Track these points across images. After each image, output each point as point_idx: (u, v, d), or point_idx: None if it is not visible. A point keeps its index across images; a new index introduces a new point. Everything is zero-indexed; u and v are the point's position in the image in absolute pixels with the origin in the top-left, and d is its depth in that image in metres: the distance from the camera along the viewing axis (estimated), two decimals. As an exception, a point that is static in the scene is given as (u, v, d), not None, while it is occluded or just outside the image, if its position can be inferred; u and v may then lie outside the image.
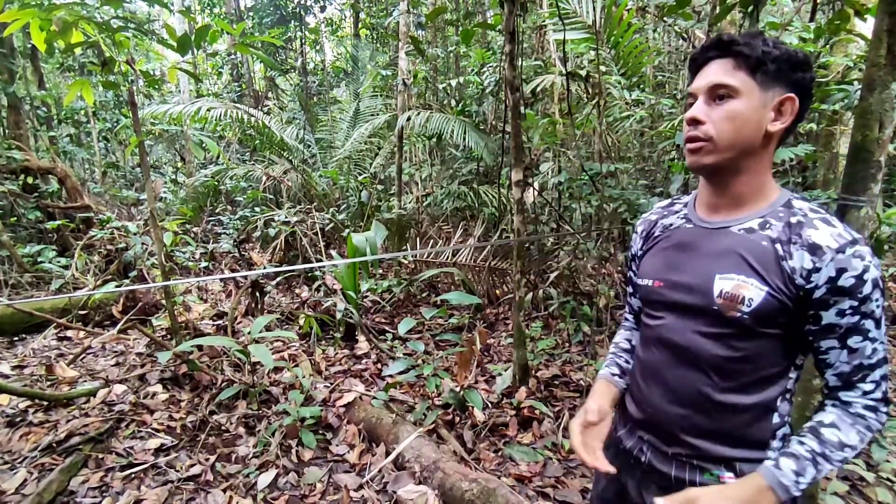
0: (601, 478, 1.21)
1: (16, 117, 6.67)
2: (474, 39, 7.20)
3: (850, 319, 0.87)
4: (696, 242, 1.00)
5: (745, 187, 0.95)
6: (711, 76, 0.91)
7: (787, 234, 0.90)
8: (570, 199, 4.85)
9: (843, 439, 0.87)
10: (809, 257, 0.86)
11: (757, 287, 0.89)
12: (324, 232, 6.02)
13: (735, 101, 0.89)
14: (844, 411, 0.90)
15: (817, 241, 0.86)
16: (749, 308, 0.89)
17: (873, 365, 0.89)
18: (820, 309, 0.88)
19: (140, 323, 4.10)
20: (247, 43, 2.99)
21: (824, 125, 4.38)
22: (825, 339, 0.90)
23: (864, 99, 1.53)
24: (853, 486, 2.33)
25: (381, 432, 2.71)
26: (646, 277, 1.07)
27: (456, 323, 4.35)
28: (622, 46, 4.18)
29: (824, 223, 0.88)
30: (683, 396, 0.98)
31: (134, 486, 2.37)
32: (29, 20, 2.37)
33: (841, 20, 2.41)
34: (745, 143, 0.91)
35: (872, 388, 0.89)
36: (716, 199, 0.99)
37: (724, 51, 0.91)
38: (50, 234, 6.18)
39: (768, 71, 0.89)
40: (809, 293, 0.87)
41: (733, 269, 0.92)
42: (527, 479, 2.44)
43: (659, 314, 1.04)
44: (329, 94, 8.89)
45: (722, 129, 0.90)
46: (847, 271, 0.84)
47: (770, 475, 0.86)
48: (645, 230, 1.16)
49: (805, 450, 0.87)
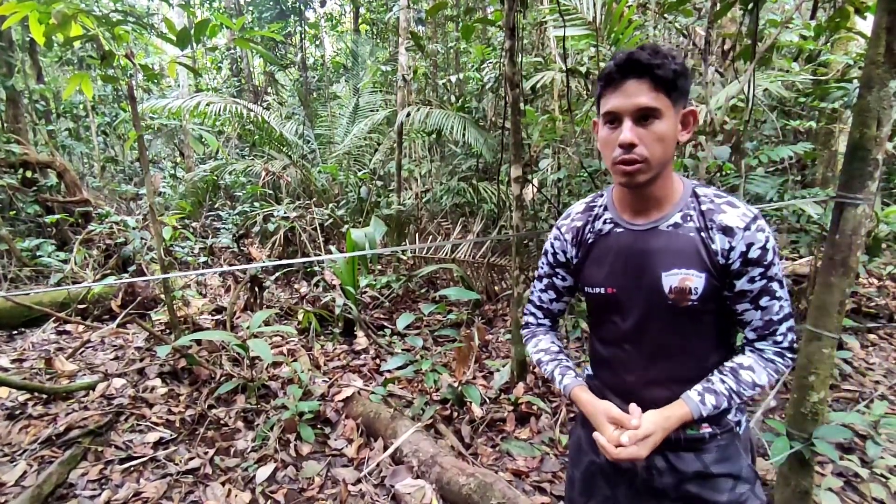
0: (583, 455, 1.25)
1: (14, 111, 6.65)
2: (474, 35, 7.18)
3: (759, 284, 1.01)
4: (632, 246, 1.08)
5: (661, 190, 1.05)
6: (636, 98, 0.95)
7: (703, 221, 1.02)
8: (569, 195, 4.86)
9: (756, 380, 1.04)
10: (726, 238, 1.00)
11: (697, 275, 1.01)
12: (323, 228, 6.02)
13: (659, 122, 0.96)
14: (759, 356, 1.06)
15: (728, 223, 1.00)
16: (696, 296, 1.02)
17: (781, 319, 1.04)
18: (735, 278, 1.02)
19: (139, 317, 4.11)
20: (246, 38, 2.99)
21: (823, 123, 4.39)
22: (740, 303, 1.04)
23: (862, 97, 1.53)
24: (847, 482, 2.35)
25: (379, 427, 2.73)
26: (596, 286, 1.13)
27: (454, 319, 4.35)
28: (622, 43, 4.17)
29: (729, 206, 1.02)
30: (662, 381, 1.10)
31: (133, 478, 2.38)
32: (28, 13, 2.36)
33: (841, 18, 2.41)
34: (668, 157, 1.00)
35: (781, 339, 1.05)
36: (639, 204, 1.08)
37: (643, 72, 0.94)
38: (49, 228, 6.18)
39: (677, 88, 0.96)
40: (728, 268, 1.01)
41: (674, 265, 1.02)
42: (524, 474, 2.45)
43: (618, 317, 1.12)
44: (329, 90, 8.86)
45: (654, 150, 0.97)
46: (753, 244, 0.99)
47: (695, 407, 1.03)
48: (575, 236, 1.18)
49: (725, 388, 1.03)
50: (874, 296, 4.46)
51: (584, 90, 4.96)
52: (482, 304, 4.78)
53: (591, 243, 1.15)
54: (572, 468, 1.30)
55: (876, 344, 3.73)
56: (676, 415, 1.03)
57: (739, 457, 1.11)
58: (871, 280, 4.84)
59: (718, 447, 1.10)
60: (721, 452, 1.10)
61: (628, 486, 1.16)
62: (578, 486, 1.26)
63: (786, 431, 1.78)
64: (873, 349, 3.66)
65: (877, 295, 4.49)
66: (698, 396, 1.04)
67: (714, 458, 1.09)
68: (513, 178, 3.03)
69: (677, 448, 1.10)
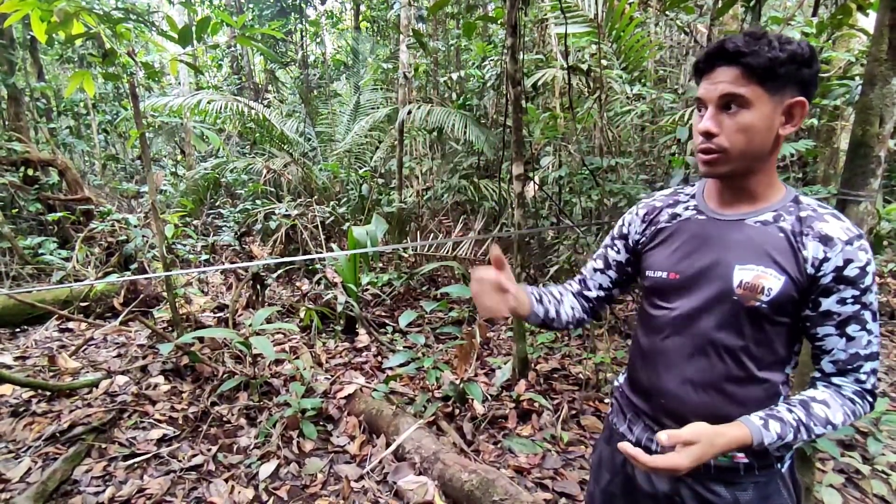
0: (603, 471, 1.19)
1: (16, 109, 6.65)
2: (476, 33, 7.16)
3: (850, 308, 0.90)
4: (711, 234, 1.00)
5: (756, 185, 0.97)
6: (721, 86, 0.90)
7: (799, 226, 0.93)
8: (571, 193, 4.85)
9: (830, 417, 0.91)
10: (822, 247, 0.90)
11: (776, 276, 0.92)
12: (324, 225, 6.02)
13: (746, 111, 0.89)
14: (836, 392, 0.94)
15: (829, 232, 0.90)
16: (768, 297, 0.92)
17: (868, 356, 0.93)
18: (822, 296, 0.91)
19: (141, 315, 4.12)
20: (247, 35, 2.99)
21: (825, 121, 4.38)
22: (823, 326, 0.93)
23: (865, 94, 1.54)
24: (849, 478, 2.35)
25: (381, 424, 2.73)
26: (659, 270, 1.06)
27: (456, 316, 4.36)
28: (624, 40, 4.16)
29: (833, 217, 0.93)
30: (699, 384, 0.99)
31: (137, 475, 2.39)
32: (29, 11, 2.36)
33: (843, 15, 2.40)
34: (757, 150, 0.92)
35: (864, 379, 0.93)
36: (730, 195, 1.00)
37: (731, 60, 0.89)
38: (50, 226, 6.18)
39: (777, 76, 0.88)
40: (816, 280, 0.91)
41: (752, 260, 0.94)
42: (526, 471, 2.46)
43: (671, 304, 1.03)
44: (329, 88, 8.85)
45: (735, 140, 0.90)
46: (853, 262, 0.88)
47: (757, 432, 0.89)
48: (648, 214, 1.12)
49: (793, 417, 0.90)
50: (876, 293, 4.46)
51: (586, 87, 4.95)
52: (483, 302, 4.77)
53: (662, 227, 1.08)
54: (593, 483, 1.24)
55: (877, 341, 3.73)
56: (731, 434, 0.88)
57: (781, 497, 0.99)
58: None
59: (756, 485, 0.98)
60: (759, 491, 0.97)
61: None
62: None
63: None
64: (874, 346, 3.66)
65: (878, 292, 4.49)
66: (760, 421, 0.89)
67: (751, 497, 0.97)
68: (514, 175, 3.03)
69: (706, 477, 0.99)
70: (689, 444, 0.86)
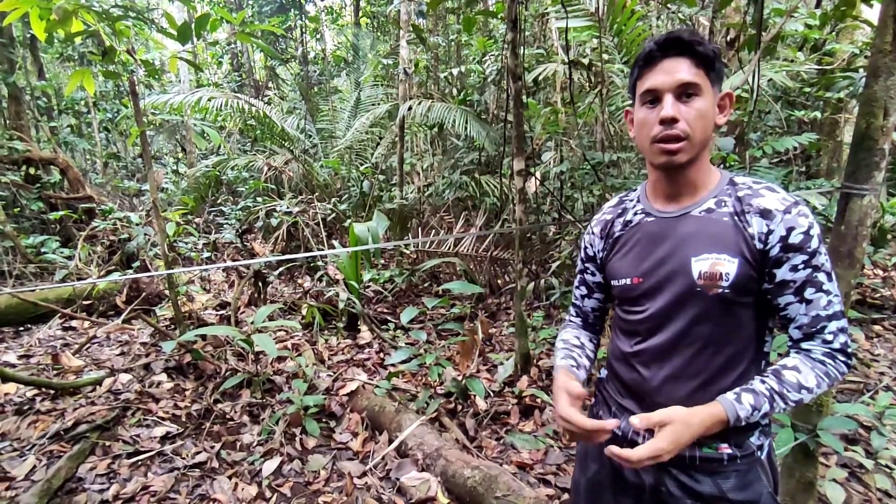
0: (590, 462, 1.21)
1: (16, 108, 6.66)
2: (476, 28, 7.13)
3: (803, 273, 0.94)
4: (662, 233, 1.04)
5: (698, 173, 1.02)
6: (680, 74, 0.94)
7: (740, 206, 0.97)
8: (572, 188, 4.84)
9: (802, 381, 0.93)
10: (763, 221, 0.94)
11: (729, 260, 0.95)
12: (325, 222, 6.03)
13: (700, 99, 0.95)
14: (806, 356, 0.97)
15: (766, 206, 0.95)
16: (728, 282, 0.95)
17: (830, 316, 0.95)
18: (774, 267, 0.95)
19: (144, 313, 4.13)
20: (247, 32, 2.97)
21: (829, 113, 4.35)
22: (783, 296, 0.96)
23: (868, 86, 1.52)
24: (852, 472, 2.35)
25: (383, 420, 2.74)
26: (621, 277, 1.09)
27: (458, 312, 4.36)
28: (625, 34, 4.13)
29: (769, 190, 0.97)
30: (682, 378, 1.02)
31: (141, 472, 2.40)
32: (29, 9, 2.36)
33: (847, 6, 2.38)
34: (707, 138, 0.98)
35: (831, 339, 0.96)
36: (673, 189, 1.04)
37: (685, 50, 0.94)
38: (52, 224, 6.20)
39: (715, 69, 0.96)
40: (766, 254, 0.95)
41: (705, 250, 0.97)
42: (528, 467, 2.46)
43: (641, 307, 1.06)
44: (330, 84, 8.82)
45: (696, 127, 0.95)
46: (795, 228, 0.92)
47: (730, 406, 0.91)
48: (603, 229, 1.17)
49: (765, 387, 0.93)
50: (879, 287, 4.45)
51: (587, 82, 4.93)
52: (485, 298, 4.78)
53: (618, 236, 1.12)
54: (579, 472, 1.26)
55: (881, 335, 3.73)
56: (706, 412, 0.91)
57: (760, 483, 1.02)
58: (877, 271, 4.83)
59: (738, 472, 1.00)
60: (741, 478, 1.00)
61: (635, 502, 1.10)
62: (584, 496, 1.22)
63: (790, 423, 1.78)
64: (878, 340, 3.65)
65: (882, 286, 4.47)
66: (733, 395, 0.93)
67: (733, 484, 1.00)
68: (515, 171, 3.02)
69: (691, 468, 1.01)
70: (664, 426, 0.89)
